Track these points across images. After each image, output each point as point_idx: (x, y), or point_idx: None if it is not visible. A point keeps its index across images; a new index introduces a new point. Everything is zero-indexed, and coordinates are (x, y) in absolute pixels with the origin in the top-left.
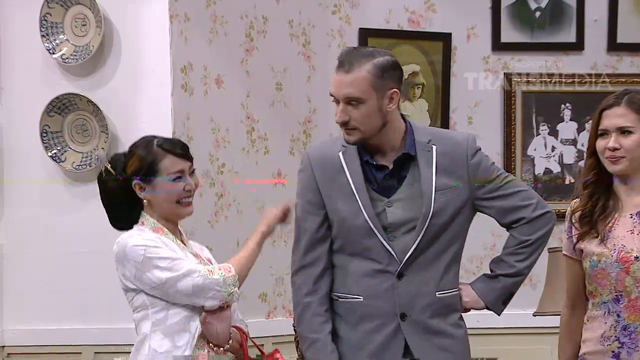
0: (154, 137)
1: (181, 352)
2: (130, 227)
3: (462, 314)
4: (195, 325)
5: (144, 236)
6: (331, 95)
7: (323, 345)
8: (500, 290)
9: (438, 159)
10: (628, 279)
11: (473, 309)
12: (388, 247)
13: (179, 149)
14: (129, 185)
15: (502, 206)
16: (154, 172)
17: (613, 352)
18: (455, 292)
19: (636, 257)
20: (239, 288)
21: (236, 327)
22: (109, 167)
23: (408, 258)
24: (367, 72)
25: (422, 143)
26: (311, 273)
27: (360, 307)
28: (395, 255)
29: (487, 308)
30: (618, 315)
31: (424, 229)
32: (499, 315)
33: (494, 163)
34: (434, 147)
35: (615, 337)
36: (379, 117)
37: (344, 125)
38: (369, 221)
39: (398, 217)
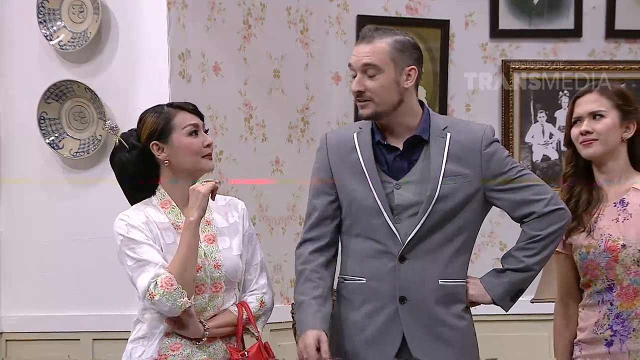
0: (161, 104)
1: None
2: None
3: (472, 307)
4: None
5: (132, 219)
6: (350, 67)
7: (307, 306)
8: (507, 286)
9: (451, 145)
10: (618, 267)
11: (479, 303)
12: (393, 228)
13: (188, 105)
14: (145, 153)
15: (514, 199)
16: (170, 129)
17: (606, 339)
18: (461, 283)
19: (623, 245)
20: (188, 293)
21: (241, 304)
22: (123, 141)
23: (410, 241)
24: (387, 44)
25: (437, 129)
26: (312, 245)
27: (363, 289)
28: (399, 237)
29: (495, 303)
30: (611, 304)
31: (427, 213)
32: (506, 311)
33: (510, 156)
34: (449, 134)
35: (609, 325)
36: (395, 92)
37: (359, 96)
38: (378, 201)
39: (405, 199)
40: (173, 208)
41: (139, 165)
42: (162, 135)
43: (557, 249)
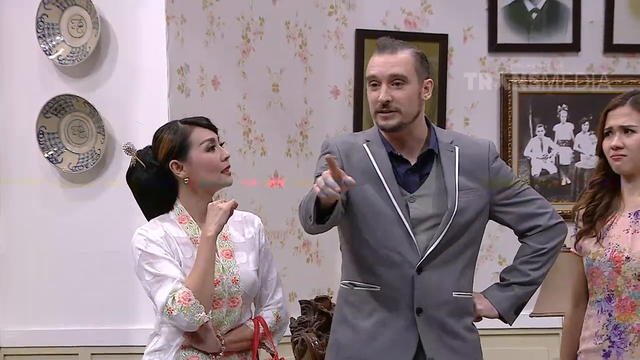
0: (175, 120)
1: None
2: None
3: (475, 322)
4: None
5: (150, 234)
6: (371, 78)
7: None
8: (513, 299)
9: (460, 159)
10: (619, 279)
11: (486, 317)
12: (414, 238)
13: (202, 120)
14: (163, 171)
15: (519, 212)
16: (187, 146)
17: (604, 350)
18: (470, 296)
19: (627, 258)
20: (205, 307)
21: (258, 319)
22: (139, 160)
23: (430, 253)
24: (410, 54)
25: (445, 143)
26: None
27: (376, 297)
28: (418, 249)
29: (500, 317)
30: (610, 315)
31: (448, 226)
32: (510, 325)
33: (512, 170)
34: (457, 147)
35: (607, 336)
36: (416, 104)
37: (384, 107)
38: (399, 211)
39: (421, 212)
40: (191, 223)
41: (158, 184)
42: (180, 153)
43: (572, 251)
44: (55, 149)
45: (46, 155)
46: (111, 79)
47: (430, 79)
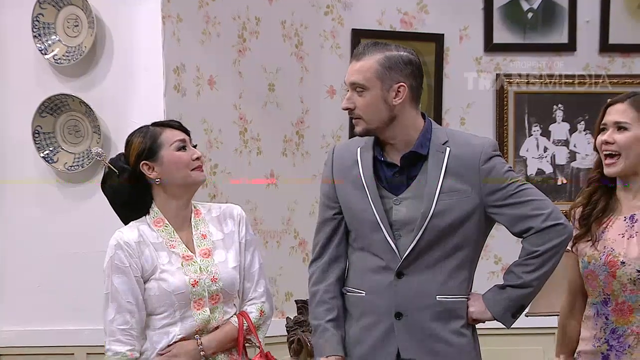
0: (146, 125)
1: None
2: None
3: (476, 324)
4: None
5: (124, 237)
6: (345, 84)
7: (323, 330)
8: (507, 302)
9: (450, 160)
10: (615, 283)
11: (479, 320)
12: (392, 244)
13: (174, 123)
14: (135, 175)
15: (512, 214)
16: (158, 147)
17: (602, 353)
18: (461, 299)
19: (622, 262)
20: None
21: (242, 314)
22: (112, 167)
23: (407, 257)
24: (375, 61)
25: (437, 144)
26: (321, 263)
27: (361, 302)
28: (397, 253)
29: (496, 320)
30: (607, 318)
31: (423, 229)
32: (507, 327)
33: (510, 170)
34: (448, 148)
35: (605, 339)
36: (384, 109)
37: (350, 113)
38: (377, 217)
39: (403, 215)
40: (166, 226)
41: (131, 188)
42: (150, 153)
43: (568, 248)
44: (50, 149)
45: (42, 154)
46: (107, 79)
47: (402, 84)
